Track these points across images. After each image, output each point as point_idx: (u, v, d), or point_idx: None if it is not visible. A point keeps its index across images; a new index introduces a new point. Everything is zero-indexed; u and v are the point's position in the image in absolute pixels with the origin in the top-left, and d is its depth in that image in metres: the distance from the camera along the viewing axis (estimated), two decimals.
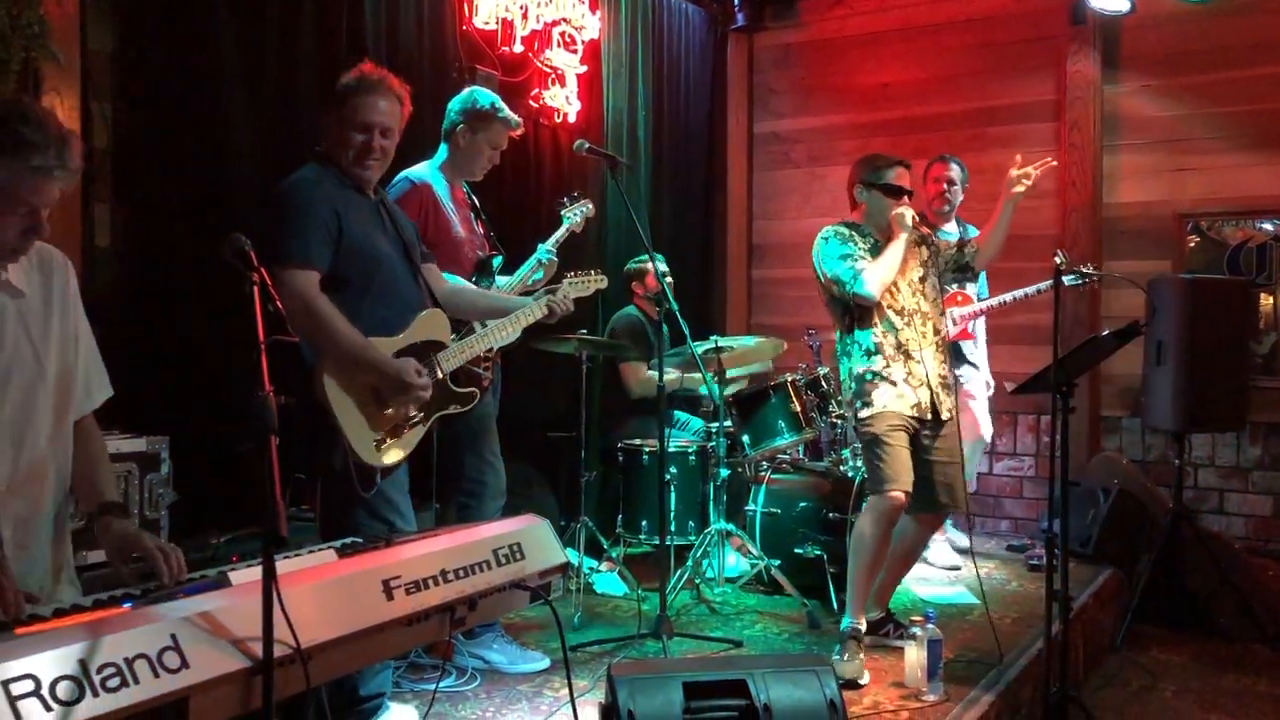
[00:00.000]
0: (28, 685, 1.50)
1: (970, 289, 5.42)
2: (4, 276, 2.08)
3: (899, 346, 3.99)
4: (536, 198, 5.46)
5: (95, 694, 1.55)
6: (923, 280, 4.12)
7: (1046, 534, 3.77)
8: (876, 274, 3.94)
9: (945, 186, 5.39)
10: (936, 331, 4.11)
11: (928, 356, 4.01)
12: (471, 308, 3.62)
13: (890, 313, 4.01)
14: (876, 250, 4.03)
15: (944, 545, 5.59)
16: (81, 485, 2.25)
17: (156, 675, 1.64)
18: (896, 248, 3.98)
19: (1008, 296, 5.35)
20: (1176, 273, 5.91)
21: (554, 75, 5.59)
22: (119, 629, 1.66)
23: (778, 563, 4.79)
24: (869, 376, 3.98)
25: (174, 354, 3.76)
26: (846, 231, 4.08)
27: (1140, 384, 5.58)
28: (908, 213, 4.02)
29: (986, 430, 5.66)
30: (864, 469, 4.13)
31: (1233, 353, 5.27)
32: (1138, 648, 5.03)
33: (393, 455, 3.11)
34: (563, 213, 4.34)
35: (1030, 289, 5.22)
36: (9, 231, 2.01)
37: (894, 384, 3.96)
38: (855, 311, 4.03)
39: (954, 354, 5.25)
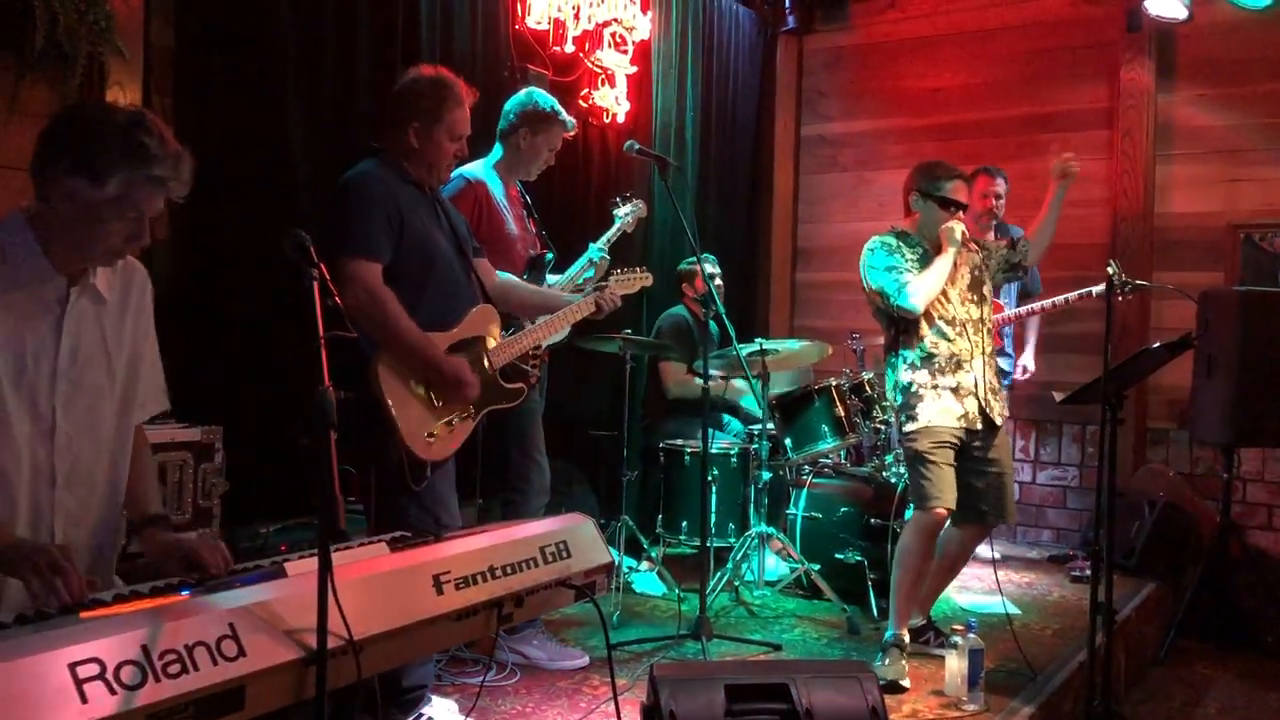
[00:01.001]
0: (93, 669, 1.53)
1: (1001, 298, 5.39)
2: (91, 281, 2.14)
3: (950, 357, 3.96)
4: (585, 197, 5.50)
5: (157, 679, 1.59)
6: (973, 288, 4.08)
7: (1091, 546, 3.73)
8: (922, 288, 3.90)
9: (993, 201, 5.37)
10: (989, 338, 4.09)
11: (978, 365, 3.98)
12: (522, 303, 3.66)
13: (941, 323, 3.98)
14: (925, 261, 4.00)
15: None
16: (128, 496, 2.30)
17: (215, 663, 1.67)
18: (944, 262, 3.95)
19: (1036, 305, 5.31)
20: (1229, 285, 5.83)
21: (604, 75, 5.61)
22: (179, 617, 1.70)
23: (817, 567, 4.79)
24: (914, 389, 3.95)
25: (229, 347, 3.82)
26: (894, 242, 4.05)
27: (1189, 396, 5.50)
28: (958, 228, 3.98)
29: None
30: (908, 479, 4.12)
31: None
32: (1181, 663, 4.97)
33: (443, 449, 3.15)
34: (615, 212, 4.37)
35: (1059, 298, 5.16)
36: (115, 237, 2.06)
37: (940, 397, 3.93)
38: (902, 323, 4.01)
39: None
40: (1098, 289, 4.98)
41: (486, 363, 3.27)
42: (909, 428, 3.95)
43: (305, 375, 1.93)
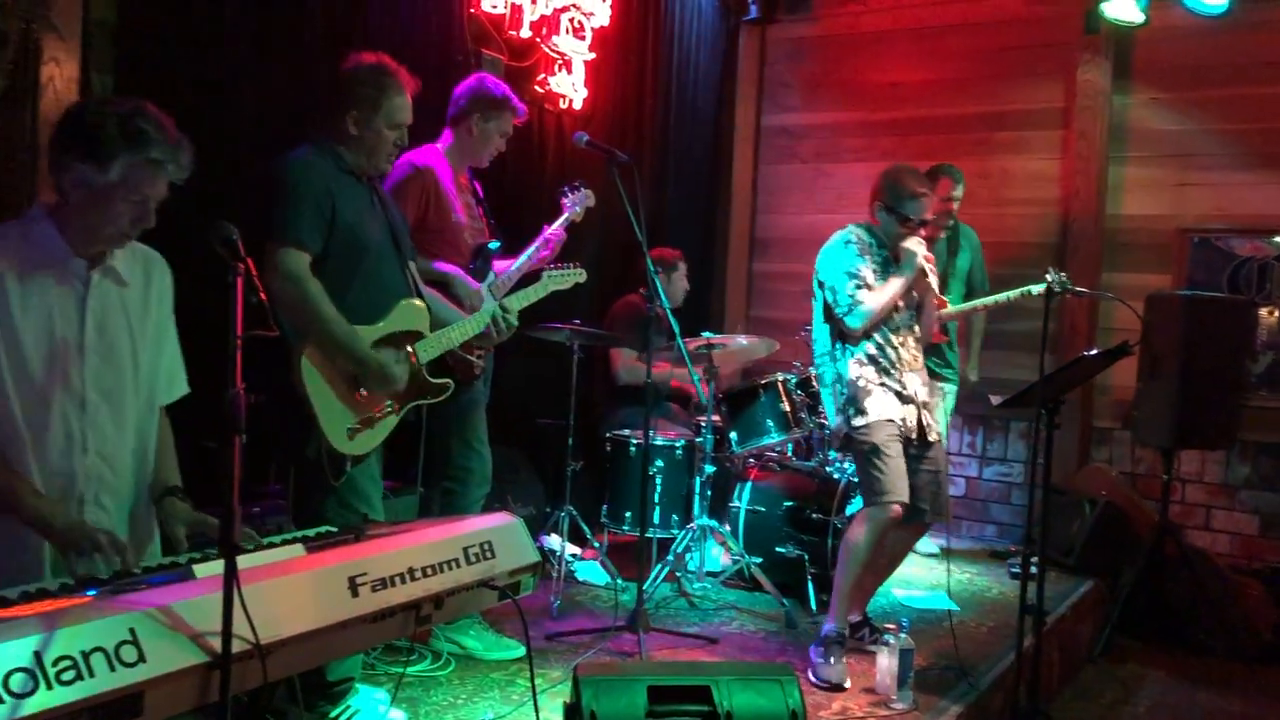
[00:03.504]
0: None
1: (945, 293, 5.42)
2: (111, 263, 2.31)
3: (893, 363, 3.97)
4: (539, 183, 5.46)
5: (49, 687, 1.58)
6: (909, 305, 4.10)
7: (1021, 550, 3.77)
8: (871, 312, 3.88)
9: (952, 205, 5.42)
10: (918, 348, 4.11)
11: (914, 380, 4.01)
12: None
13: (886, 329, 3.98)
14: (886, 266, 3.98)
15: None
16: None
17: (112, 669, 1.66)
18: (896, 286, 3.93)
19: (979, 302, 5.35)
20: (1177, 288, 5.90)
21: (561, 61, 5.58)
22: (78, 620, 1.68)
23: (759, 560, 4.82)
24: (862, 384, 3.94)
25: None
26: (866, 240, 4.00)
27: (1133, 397, 5.57)
28: (919, 253, 3.94)
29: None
30: (858, 476, 4.08)
31: (1227, 371, 5.27)
32: (1116, 660, 5.06)
33: (364, 444, 3.12)
34: (564, 201, 4.34)
35: (1001, 296, 5.19)
36: (122, 219, 2.22)
37: (886, 394, 3.94)
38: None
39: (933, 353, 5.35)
40: (1037, 288, 5.05)
41: (413, 357, 3.25)
42: (860, 421, 3.93)
43: (219, 375, 1.91)
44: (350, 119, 3.14)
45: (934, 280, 4.06)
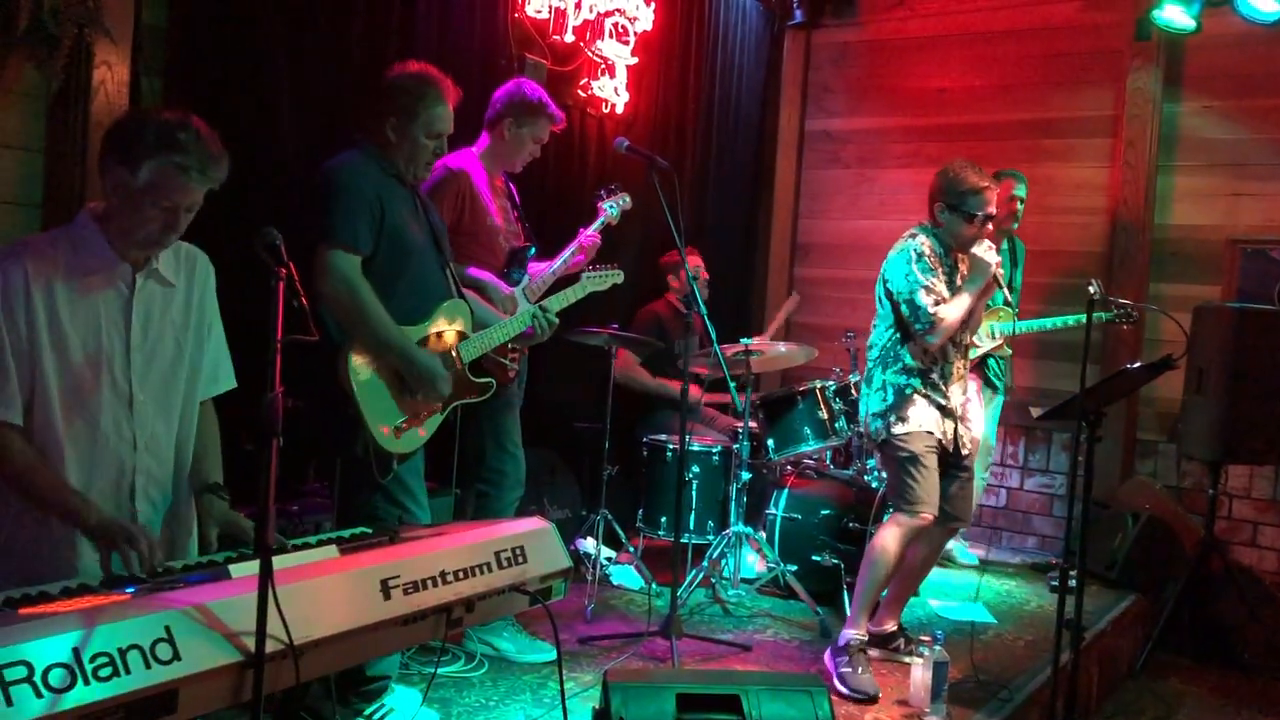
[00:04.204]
0: (21, 671, 1.56)
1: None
2: (155, 266, 2.36)
3: (943, 376, 3.95)
4: (580, 186, 5.48)
5: (86, 682, 1.61)
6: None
7: (1060, 565, 3.73)
8: (950, 326, 3.82)
9: (1016, 206, 5.38)
10: (966, 359, 4.08)
11: (957, 390, 3.99)
12: None
13: (949, 343, 3.94)
14: (953, 274, 3.94)
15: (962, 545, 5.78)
16: (192, 464, 2.52)
17: (148, 666, 1.69)
18: (969, 299, 3.87)
19: (1047, 324, 5.31)
20: (1226, 299, 5.80)
21: (604, 66, 5.59)
22: (116, 618, 1.72)
23: (793, 568, 4.80)
24: (909, 392, 3.91)
25: None
26: (935, 250, 3.92)
27: (1179, 410, 5.49)
28: (992, 263, 3.87)
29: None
30: (889, 481, 4.06)
31: (1277, 384, 5.16)
32: (1157, 676, 4.98)
33: (411, 442, 3.17)
34: (600, 205, 4.35)
35: (1053, 320, 5.15)
36: (152, 225, 2.26)
37: (931, 407, 3.91)
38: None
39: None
40: (1107, 315, 5.13)
41: (456, 357, 3.28)
42: (900, 429, 3.90)
43: (259, 378, 1.94)
44: (389, 125, 3.18)
45: (1005, 292, 4.02)
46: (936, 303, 3.84)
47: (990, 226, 3.97)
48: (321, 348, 2.96)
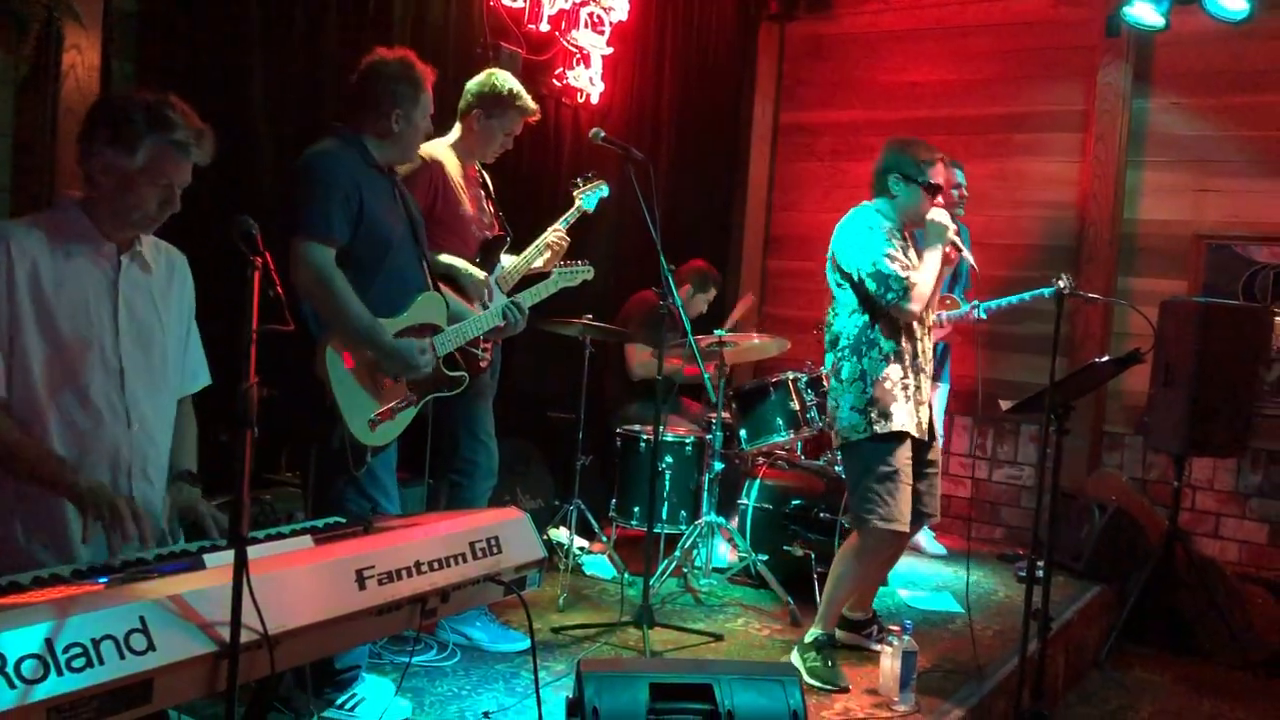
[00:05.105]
0: None
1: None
2: (139, 249, 2.40)
3: (915, 358, 3.84)
4: (554, 177, 5.47)
5: (59, 673, 1.60)
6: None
7: (1029, 556, 3.77)
8: (924, 292, 3.70)
9: (957, 196, 5.40)
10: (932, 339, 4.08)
11: (926, 376, 3.94)
12: None
13: (915, 322, 3.84)
14: (906, 252, 3.82)
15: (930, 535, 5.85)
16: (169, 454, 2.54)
17: (122, 656, 1.68)
18: (935, 262, 3.77)
19: (993, 305, 5.36)
20: (1192, 294, 5.88)
21: (579, 55, 5.58)
22: (89, 608, 1.71)
23: (765, 558, 4.83)
24: (889, 385, 3.76)
25: None
26: (886, 223, 3.81)
27: (1146, 403, 5.56)
28: (948, 222, 3.80)
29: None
30: (860, 488, 3.81)
31: (1241, 378, 5.24)
32: (1121, 666, 5.05)
33: (385, 435, 3.17)
34: (575, 194, 4.35)
35: (1018, 296, 5.19)
36: (149, 204, 2.31)
37: (909, 399, 3.79)
38: (884, 313, 3.78)
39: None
40: (1048, 291, 5.07)
41: (431, 350, 3.27)
42: (883, 428, 3.74)
43: (235, 367, 1.93)
44: (395, 116, 3.19)
45: (969, 256, 3.92)
46: (905, 268, 3.73)
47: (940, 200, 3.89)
48: (298, 338, 2.96)
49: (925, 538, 5.88)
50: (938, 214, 3.84)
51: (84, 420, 2.30)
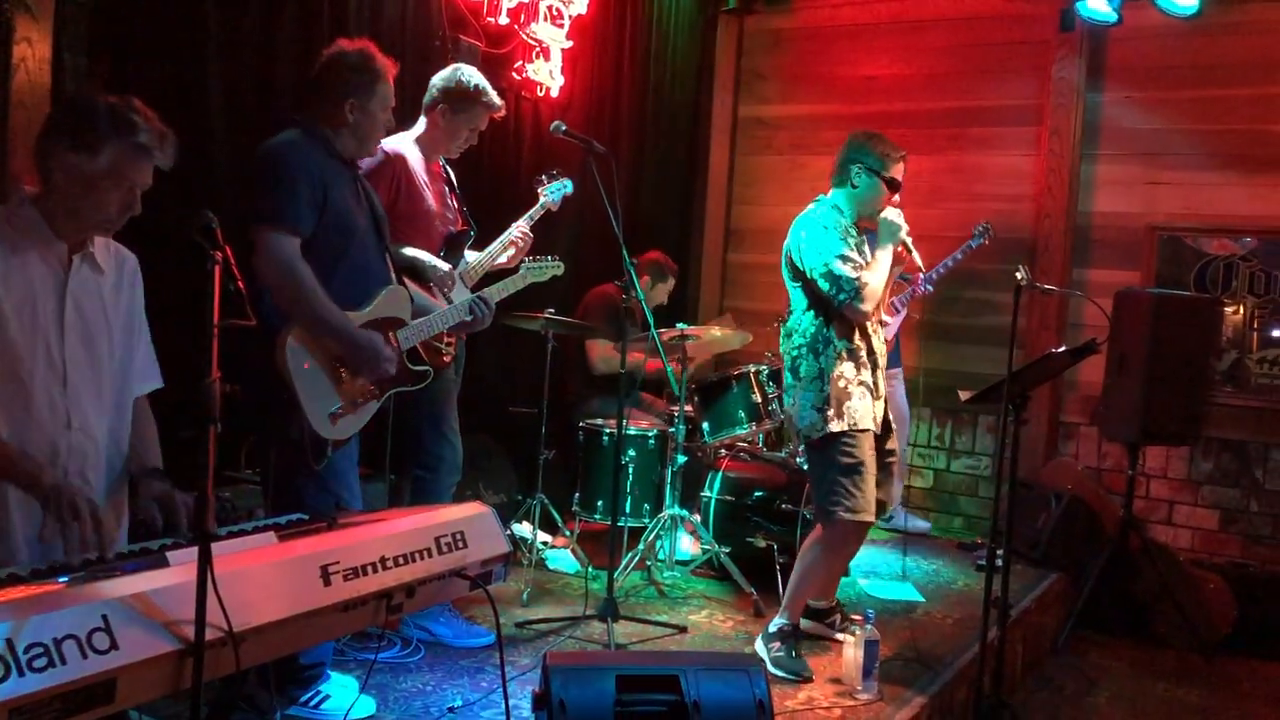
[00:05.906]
0: None
1: None
2: (91, 250, 2.36)
3: (870, 353, 3.87)
4: (515, 172, 5.46)
5: (21, 674, 1.58)
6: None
7: (987, 543, 3.82)
8: (875, 291, 3.73)
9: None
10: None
11: (881, 371, 3.97)
12: None
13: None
14: (861, 247, 3.85)
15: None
16: (132, 453, 2.51)
17: (85, 656, 1.67)
18: (887, 261, 3.80)
19: (939, 269, 5.49)
20: (1145, 285, 5.97)
21: (539, 49, 5.57)
22: (50, 608, 1.69)
23: (727, 549, 4.85)
24: (844, 384, 3.77)
25: None
26: (842, 221, 3.84)
27: (1101, 393, 5.65)
28: (901, 222, 3.83)
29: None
30: (824, 484, 3.81)
31: (1193, 368, 5.34)
32: (1078, 652, 5.13)
33: (346, 429, 3.14)
34: (540, 190, 4.34)
35: (949, 260, 5.27)
36: (112, 206, 2.29)
37: (864, 396, 3.80)
38: (836, 311, 3.80)
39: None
40: (975, 242, 5.49)
41: (394, 343, 3.26)
42: (838, 426, 3.75)
43: (196, 363, 1.91)
44: (349, 106, 3.17)
45: (918, 258, 3.96)
46: (857, 268, 3.75)
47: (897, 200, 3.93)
48: (259, 332, 2.93)
49: (907, 519, 6.02)
50: (892, 213, 3.87)
51: (23, 417, 2.26)
